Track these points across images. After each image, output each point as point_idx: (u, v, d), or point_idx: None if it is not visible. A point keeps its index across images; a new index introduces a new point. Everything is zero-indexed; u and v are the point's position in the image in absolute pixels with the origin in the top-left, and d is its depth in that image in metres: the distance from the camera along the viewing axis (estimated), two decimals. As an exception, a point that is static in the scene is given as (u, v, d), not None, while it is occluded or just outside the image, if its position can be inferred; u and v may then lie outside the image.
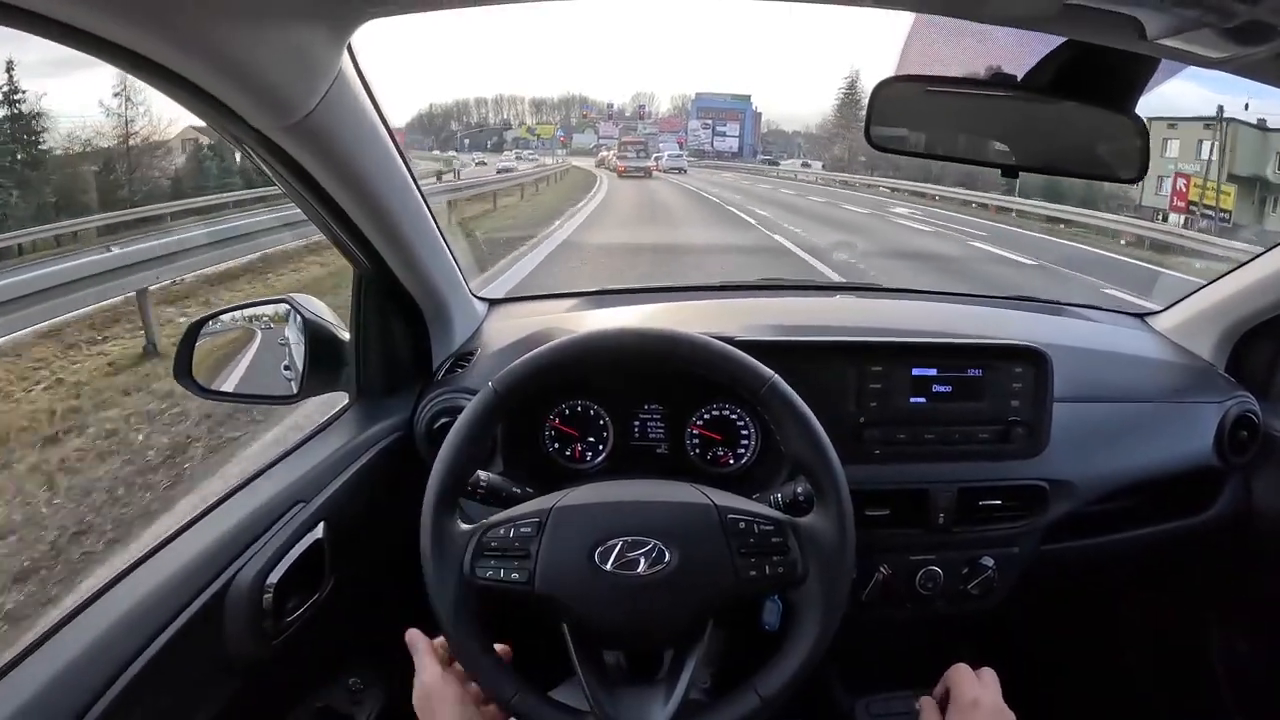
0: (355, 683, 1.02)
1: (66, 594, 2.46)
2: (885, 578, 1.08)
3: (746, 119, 39.52)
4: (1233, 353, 1.28)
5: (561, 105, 45.06)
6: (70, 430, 3.70)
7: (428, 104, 43.47)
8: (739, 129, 39.10)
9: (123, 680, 0.66)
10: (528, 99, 44.82)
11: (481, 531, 0.74)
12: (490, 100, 44.33)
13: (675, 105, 43.03)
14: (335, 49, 0.67)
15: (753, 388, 0.77)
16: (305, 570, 0.86)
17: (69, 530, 2.83)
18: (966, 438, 1.07)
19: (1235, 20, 0.55)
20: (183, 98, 0.62)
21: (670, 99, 44.26)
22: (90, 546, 2.74)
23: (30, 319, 4.65)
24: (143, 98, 13.96)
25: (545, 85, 63.81)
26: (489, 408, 0.77)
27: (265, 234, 7.90)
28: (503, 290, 3.07)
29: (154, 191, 13.45)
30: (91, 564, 2.62)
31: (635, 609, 0.72)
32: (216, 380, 1.12)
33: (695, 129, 39.17)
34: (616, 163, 26.01)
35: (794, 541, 0.74)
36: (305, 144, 0.73)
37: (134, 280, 5.21)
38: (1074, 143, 0.79)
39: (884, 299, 1.55)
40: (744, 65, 77.30)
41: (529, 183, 17.54)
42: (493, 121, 42.87)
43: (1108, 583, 1.37)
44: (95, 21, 0.52)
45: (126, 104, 13.94)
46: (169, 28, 0.54)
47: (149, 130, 14.31)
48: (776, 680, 0.73)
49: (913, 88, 0.76)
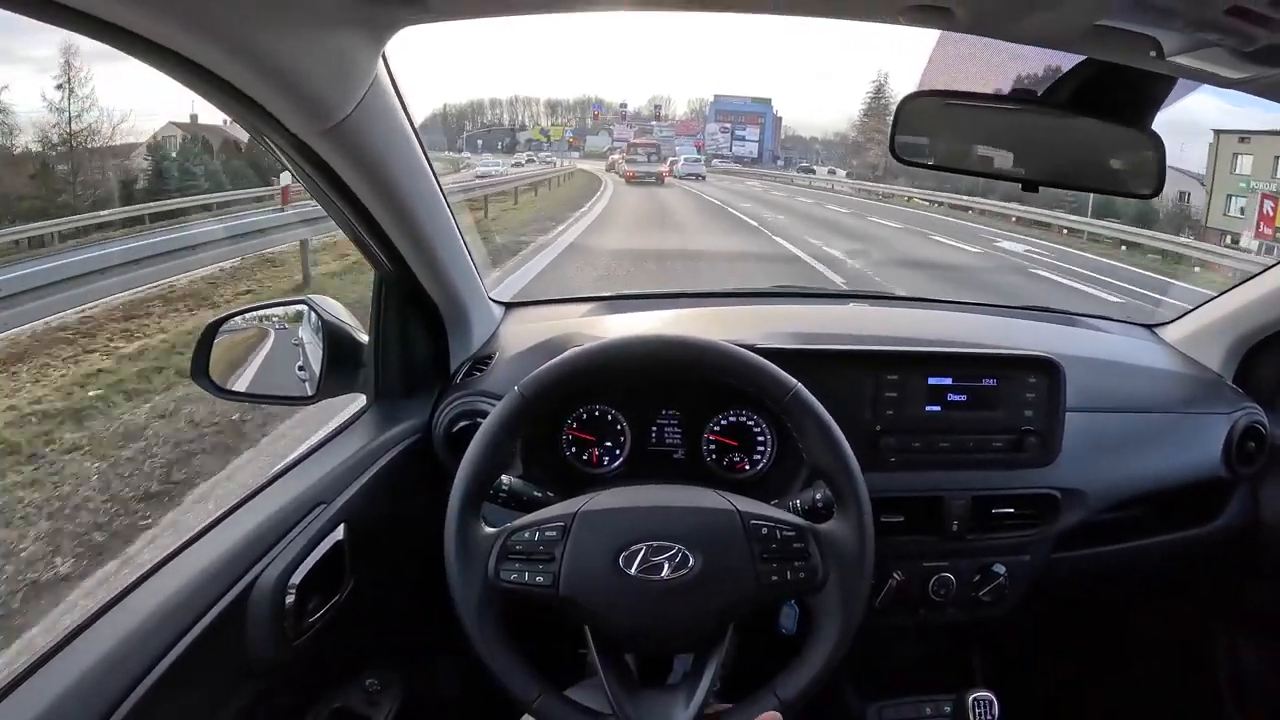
0: (373, 684, 1.03)
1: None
2: (899, 584, 1.09)
3: (767, 123, 37.47)
4: (1241, 364, 1.30)
5: (577, 107, 43.09)
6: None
7: (442, 104, 42.50)
8: (759, 133, 37.05)
9: (145, 684, 0.66)
10: (543, 100, 43.11)
11: (506, 535, 0.75)
12: (505, 101, 42.76)
13: (692, 109, 40.66)
14: (372, 55, 0.68)
15: (777, 396, 0.78)
16: (326, 572, 0.86)
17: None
18: (980, 446, 1.09)
19: (1255, 44, 0.57)
20: (221, 100, 0.63)
21: (687, 103, 42.04)
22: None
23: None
24: (88, 90, 12.41)
25: (561, 87, 62.99)
26: (516, 412, 0.78)
27: (210, 247, 6.76)
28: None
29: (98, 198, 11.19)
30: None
31: (658, 613, 0.73)
32: (232, 380, 1.13)
33: (713, 132, 36.90)
34: (625, 167, 23.12)
35: (815, 547, 0.75)
36: (339, 149, 0.74)
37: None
38: (1091, 158, 0.81)
39: (897, 307, 1.56)
40: (760, 70, 76.57)
41: (506, 191, 14.00)
42: (507, 122, 41.50)
43: (1116, 591, 1.38)
44: (142, 22, 0.53)
45: (70, 97, 12.36)
46: (213, 31, 0.55)
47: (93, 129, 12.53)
48: (795, 684, 0.74)
49: (936, 102, 0.78)
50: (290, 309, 1.16)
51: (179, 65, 0.58)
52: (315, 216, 6.20)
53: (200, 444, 3.47)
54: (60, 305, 4.73)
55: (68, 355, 4.44)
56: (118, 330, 4.92)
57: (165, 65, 0.57)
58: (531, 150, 34.68)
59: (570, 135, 39.00)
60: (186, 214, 10.40)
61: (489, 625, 0.74)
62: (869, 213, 15.76)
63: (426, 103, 38.11)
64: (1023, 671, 1.42)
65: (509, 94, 47.62)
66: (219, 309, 4.28)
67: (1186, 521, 1.23)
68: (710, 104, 38.45)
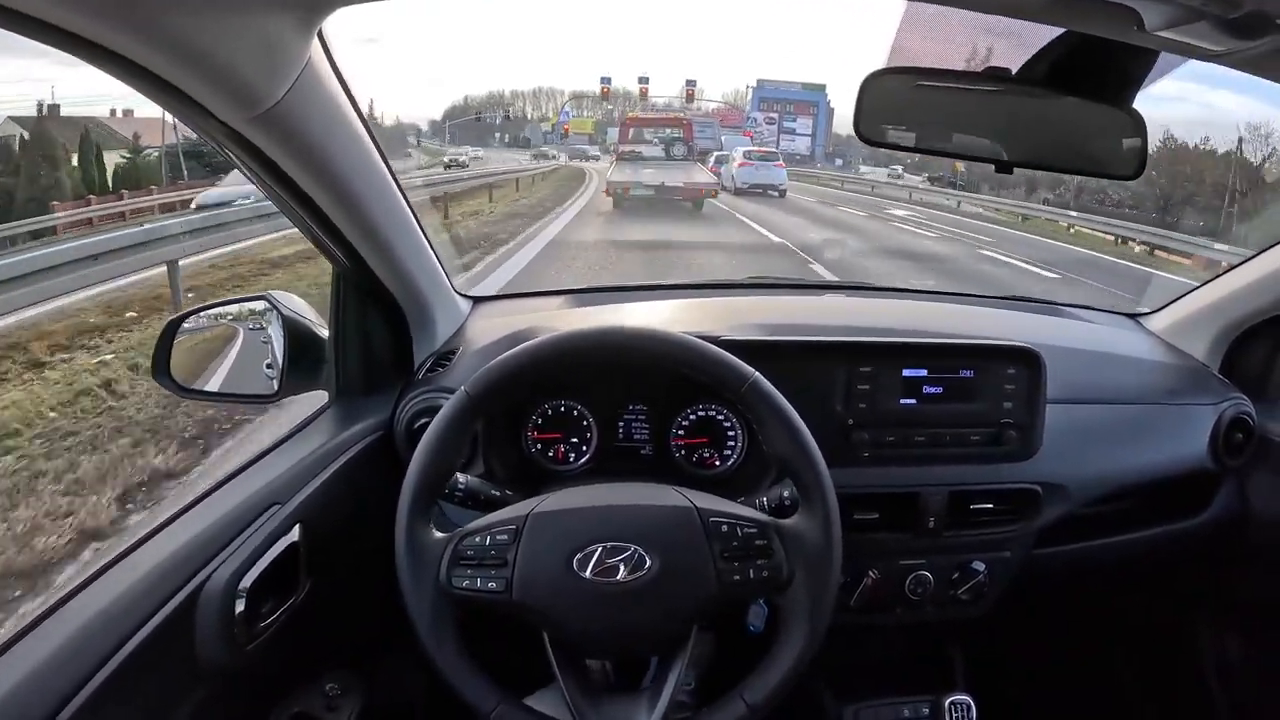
0: (333, 688, 1.00)
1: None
2: (874, 582, 1.06)
3: (820, 114, 28.90)
4: (1227, 354, 1.27)
5: (606, 103, 39.29)
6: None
7: (463, 96, 41.15)
8: (810, 125, 28.77)
9: (89, 687, 0.64)
10: (568, 92, 39.00)
11: (457, 540, 0.72)
12: (528, 93, 40.37)
13: (726, 99, 32.11)
14: (304, 38, 0.65)
15: (734, 386, 0.76)
16: (280, 574, 0.84)
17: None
18: (958, 440, 1.06)
19: (1237, 12, 0.54)
20: (144, 88, 0.60)
21: (720, 95, 34.94)
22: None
23: None
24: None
25: (586, 78, 60.51)
26: (462, 412, 0.75)
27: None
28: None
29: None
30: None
31: (616, 617, 0.71)
32: (196, 379, 1.11)
33: (758, 123, 28.40)
34: (612, 175, 12.74)
35: (779, 544, 0.73)
36: (273, 135, 0.70)
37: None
38: (1070, 138, 0.77)
39: (875, 298, 1.53)
40: (810, 55, 71.07)
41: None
42: (531, 116, 38.65)
43: (1100, 587, 1.36)
44: (52, 10, 0.50)
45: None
46: (127, 17, 0.52)
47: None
48: (763, 687, 0.72)
49: (904, 80, 0.74)
50: (251, 305, 1.14)
51: (94, 52, 0.54)
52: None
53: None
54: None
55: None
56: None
57: (80, 52, 0.54)
58: (547, 143, 29.22)
59: (566, 122, 31.37)
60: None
61: (443, 633, 0.71)
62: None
63: (446, 94, 36.31)
64: (1003, 671, 1.40)
65: (532, 85, 45.58)
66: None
67: (1173, 515, 1.21)
68: (752, 91, 29.95)
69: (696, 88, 26.56)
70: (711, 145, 18.01)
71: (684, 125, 15.57)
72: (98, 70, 0.57)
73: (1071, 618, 1.45)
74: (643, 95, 23.16)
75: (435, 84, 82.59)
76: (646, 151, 14.07)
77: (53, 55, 0.55)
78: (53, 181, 10.05)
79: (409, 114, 36.76)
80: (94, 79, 1.23)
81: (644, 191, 11.56)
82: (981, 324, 1.30)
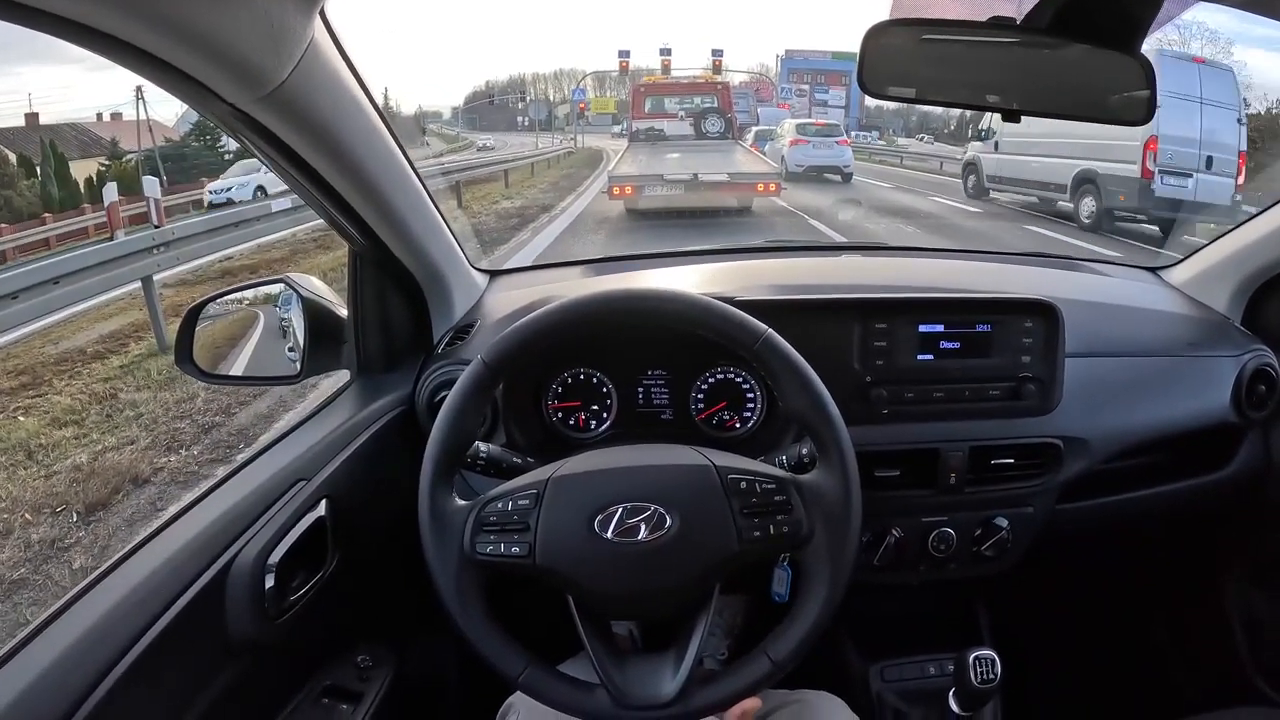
0: (364, 660, 1.03)
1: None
2: (897, 540, 1.06)
3: (852, 83, 18.53)
4: (1249, 305, 1.25)
5: (627, 79, 36.27)
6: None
7: (484, 81, 40.85)
8: (843, 96, 26.54)
9: (122, 665, 0.66)
10: (589, 72, 38.40)
11: (480, 506, 0.73)
12: (549, 75, 40.17)
13: (750, 74, 29.53)
14: (306, 17, 0.65)
15: (747, 344, 0.76)
16: (308, 549, 0.86)
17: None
18: (976, 395, 1.05)
19: None
20: (150, 74, 0.60)
21: (745, 70, 32.56)
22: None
23: None
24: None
25: (607, 58, 59.01)
26: (480, 380, 0.76)
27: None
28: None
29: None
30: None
31: (639, 577, 0.71)
32: (220, 364, 1.13)
33: (790, 94, 26.35)
34: (621, 168, 9.36)
35: (797, 499, 0.73)
36: (281, 116, 0.71)
37: None
38: (1077, 85, 0.77)
39: (892, 256, 1.52)
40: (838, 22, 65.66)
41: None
42: (553, 97, 39.02)
43: (1124, 542, 1.35)
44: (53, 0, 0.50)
45: None
46: (128, 2, 0.53)
47: None
48: (787, 643, 0.72)
49: (908, 33, 0.74)
50: (269, 289, 1.16)
51: (96, 39, 0.54)
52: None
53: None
54: None
55: None
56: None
57: (82, 40, 0.54)
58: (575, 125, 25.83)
59: (581, 100, 28.27)
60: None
61: (469, 600, 0.72)
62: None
63: (467, 80, 35.96)
64: (1027, 627, 1.39)
65: (553, 68, 44.55)
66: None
67: (1196, 469, 1.19)
68: (781, 61, 27.77)
69: (723, 59, 21.98)
70: (748, 119, 15.14)
71: (720, 91, 11.63)
72: (96, 71, 0.57)
73: (1095, 573, 1.44)
74: (665, 69, 18.77)
75: (453, 70, 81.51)
76: (669, 129, 10.30)
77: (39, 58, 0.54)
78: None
79: (428, 101, 36.49)
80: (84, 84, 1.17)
81: (667, 191, 7.77)
82: (998, 279, 1.29)
